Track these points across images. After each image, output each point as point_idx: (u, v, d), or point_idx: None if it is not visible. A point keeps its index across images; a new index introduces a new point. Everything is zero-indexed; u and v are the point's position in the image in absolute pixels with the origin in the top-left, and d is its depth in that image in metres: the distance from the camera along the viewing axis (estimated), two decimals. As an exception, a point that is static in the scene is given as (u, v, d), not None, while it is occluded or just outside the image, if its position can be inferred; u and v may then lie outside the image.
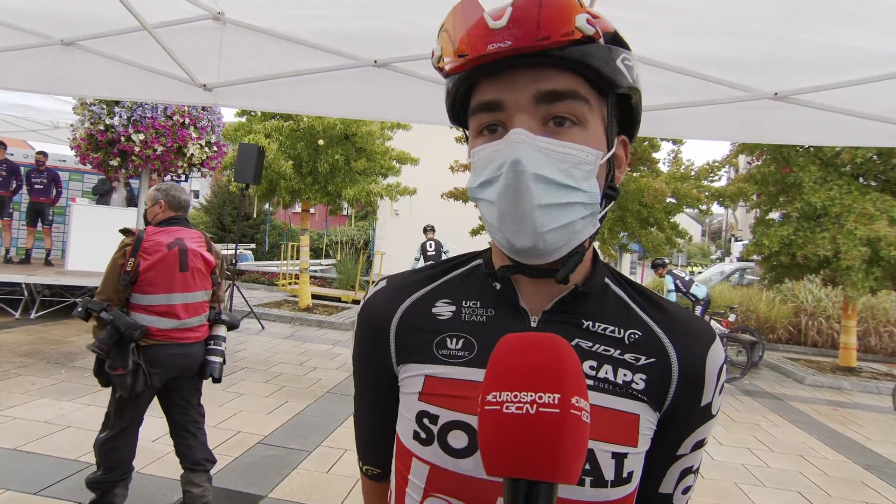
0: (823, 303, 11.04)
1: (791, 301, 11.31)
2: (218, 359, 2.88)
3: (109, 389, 2.71)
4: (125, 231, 2.81)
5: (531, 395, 0.48)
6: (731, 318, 8.99)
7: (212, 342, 2.89)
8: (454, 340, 0.70)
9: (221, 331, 2.94)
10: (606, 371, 0.66)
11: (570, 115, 0.61)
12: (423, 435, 0.67)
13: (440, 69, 0.65)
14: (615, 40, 0.63)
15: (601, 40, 0.60)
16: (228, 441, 4.12)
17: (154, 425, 4.17)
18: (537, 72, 0.60)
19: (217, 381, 2.88)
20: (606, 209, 0.67)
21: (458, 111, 0.69)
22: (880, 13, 1.94)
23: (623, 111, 0.68)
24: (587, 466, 0.62)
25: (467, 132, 0.69)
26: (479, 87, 0.63)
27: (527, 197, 0.59)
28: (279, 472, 3.70)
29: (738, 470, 4.56)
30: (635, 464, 0.65)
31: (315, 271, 14.95)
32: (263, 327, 8.78)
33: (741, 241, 22.95)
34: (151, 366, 2.65)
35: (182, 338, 2.76)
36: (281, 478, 3.62)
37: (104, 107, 5.70)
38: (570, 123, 0.61)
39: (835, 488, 4.35)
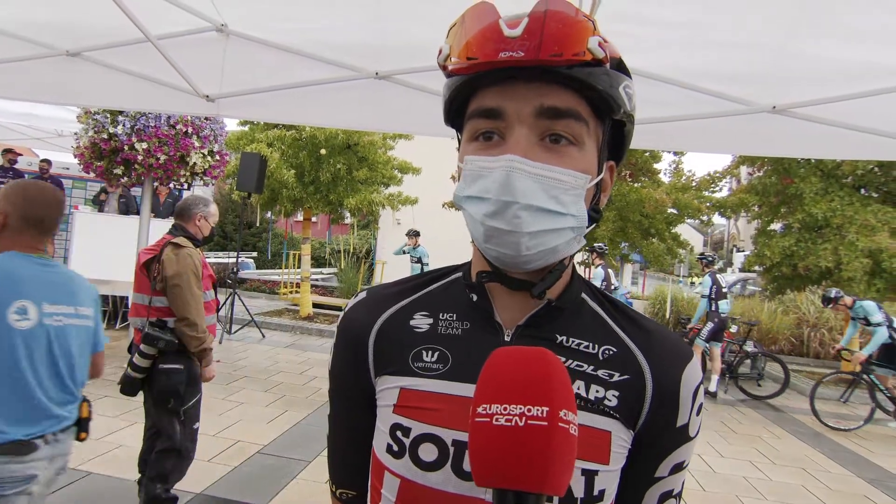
0: (826, 314, 11.00)
1: (793, 312, 11.26)
2: (127, 369, 2.78)
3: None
4: None
5: (520, 408, 0.49)
6: (733, 329, 8.96)
7: None
8: (429, 353, 0.70)
9: (141, 343, 2.77)
10: (579, 387, 0.66)
11: (568, 134, 0.61)
12: (395, 448, 0.68)
13: (444, 67, 0.64)
14: (619, 67, 0.64)
15: (608, 65, 0.61)
16: (227, 450, 4.10)
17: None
18: (542, 86, 0.60)
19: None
20: (588, 230, 0.67)
21: (454, 113, 0.68)
22: (878, 27, 1.95)
23: (615, 137, 0.69)
24: None
25: (459, 135, 0.69)
26: (481, 92, 0.63)
27: (515, 224, 0.60)
28: (278, 482, 3.68)
29: (739, 483, 4.52)
30: (607, 482, 0.65)
31: (316, 280, 14.95)
32: (264, 336, 8.77)
33: (743, 251, 22.92)
34: None
35: (135, 336, 2.87)
36: (280, 487, 3.61)
37: (108, 116, 5.73)
38: (567, 142, 0.61)
39: (838, 502, 4.32)
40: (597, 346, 0.68)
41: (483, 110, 0.62)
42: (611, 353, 0.68)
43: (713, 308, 7.49)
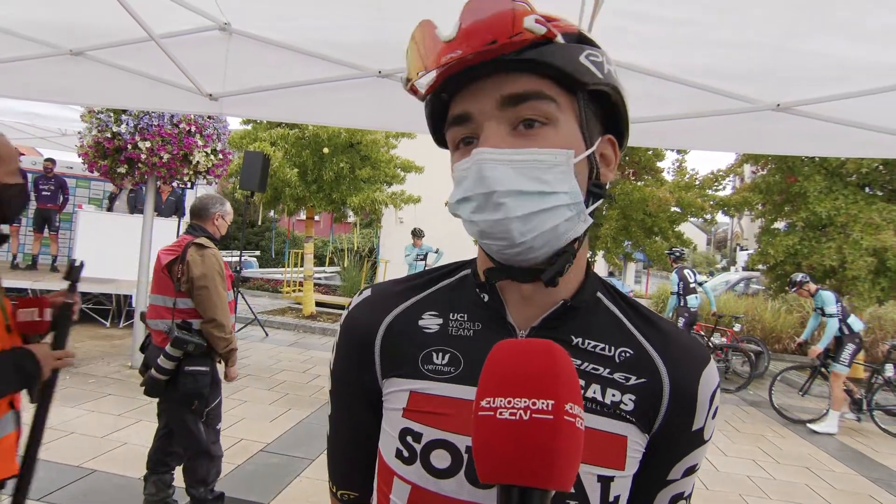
0: (829, 312, 10.94)
1: (797, 311, 11.23)
2: (152, 371, 2.74)
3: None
4: None
5: (525, 402, 0.47)
6: (737, 327, 8.95)
7: None
8: (440, 355, 0.68)
9: (167, 345, 2.72)
10: (595, 391, 0.64)
11: (537, 116, 0.60)
12: (405, 453, 0.66)
13: (414, 92, 0.66)
14: (581, 40, 0.63)
15: (558, 39, 0.60)
16: (231, 448, 4.11)
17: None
18: (500, 78, 0.60)
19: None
20: (594, 207, 0.65)
21: (439, 133, 0.69)
22: (882, 26, 1.94)
23: (604, 109, 0.67)
24: (571, 490, 0.59)
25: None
26: (452, 102, 0.64)
27: (501, 212, 0.59)
28: (281, 480, 3.69)
29: (743, 482, 4.51)
30: (622, 487, 0.63)
31: (319, 279, 14.97)
32: (267, 335, 8.79)
33: (746, 250, 22.86)
34: None
35: (153, 338, 2.89)
36: (283, 486, 3.62)
37: (111, 115, 5.74)
38: (540, 125, 0.60)
39: (842, 501, 4.30)
40: (613, 348, 0.67)
41: (454, 118, 0.64)
42: (627, 355, 0.66)
43: (682, 304, 7.79)
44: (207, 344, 2.79)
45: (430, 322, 0.71)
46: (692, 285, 7.89)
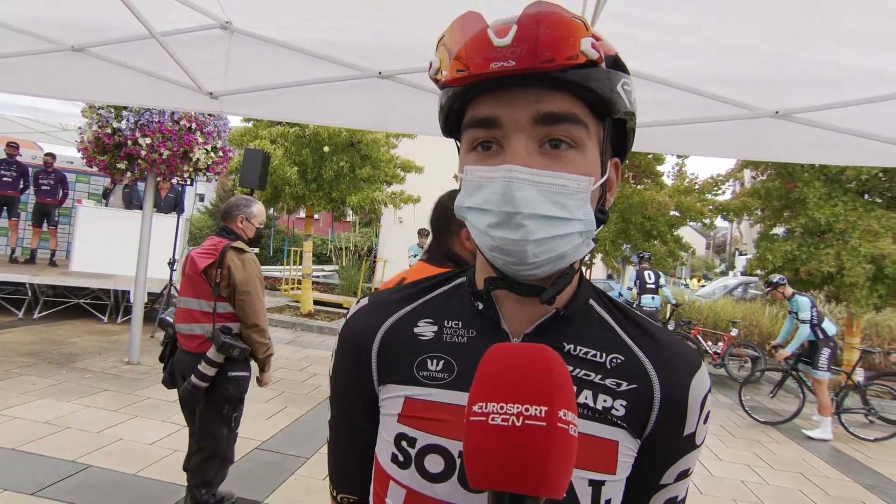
0: (827, 318, 10.96)
1: (794, 316, 11.23)
2: (193, 379, 2.68)
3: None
4: None
5: (518, 407, 0.47)
6: (734, 332, 8.96)
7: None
8: (434, 362, 0.69)
9: (209, 351, 2.69)
10: (586, 396, 0.65)
11: (567, 138, 0.60)
12: (400, 458, 0.67)
13: (437, 80, 0.63)
14: (616, 64, 0.62)
15: (603, 64, 0.59)
16: (226, 446, 4.12)
17: (152, 428, 4.19)
18: (537, 92, 0.59)
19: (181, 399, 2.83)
20: (597, 232, 0.65)
21: (452, 124, 0.67)
22: (882, 33, 1.95)
23: (618, 134, 0.67)
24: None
25: (458, 143, 0.67)
26: (476, 101, 0.62)
27: (520, 233, 0.58)
28: (276, 478, 3.69)
29: (737, 486, 4.52)
30: (613, 492, 0.64)
31: (318, 277, 14.96)
32: (265, 332, 8.78)
33: (745, 255, 22.88)
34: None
35: (181, 343, 2.82)
36: (277, 484, 3.62)
37: (112, 110, 5.74)
38: (567, 146, 0.60)
39: (835, 507, 4.32)
40: (604, 354, 0.67)
41: (478, 120, 0.61)
42: (618, 361, 0.67)
43: (637, 304, 8.27)
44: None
45: (425, 329, 0.71)
46: (649, 286, 8.45)
